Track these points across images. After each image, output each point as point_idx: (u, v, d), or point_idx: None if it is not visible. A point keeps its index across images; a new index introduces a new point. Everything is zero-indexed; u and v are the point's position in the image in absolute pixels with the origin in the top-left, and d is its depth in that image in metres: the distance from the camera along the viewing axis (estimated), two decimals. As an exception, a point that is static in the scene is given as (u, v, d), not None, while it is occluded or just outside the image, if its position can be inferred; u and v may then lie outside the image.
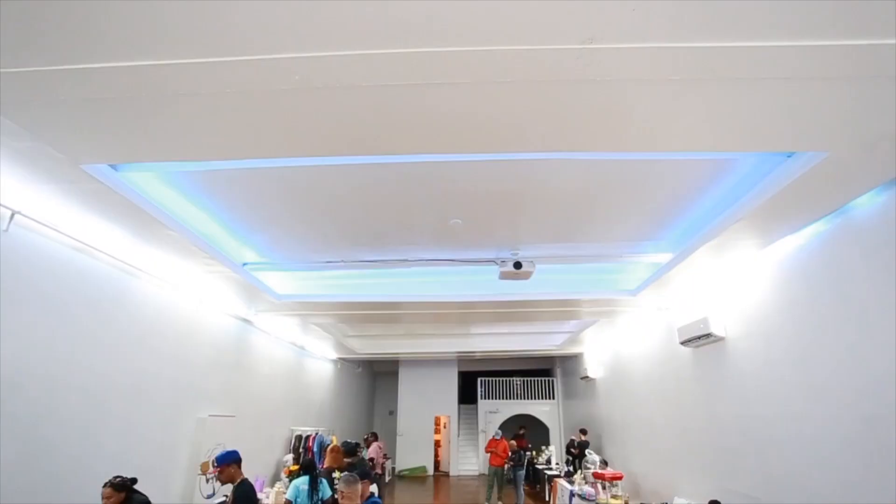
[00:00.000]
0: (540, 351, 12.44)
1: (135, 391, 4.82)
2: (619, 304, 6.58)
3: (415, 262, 5.05)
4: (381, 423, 16.71)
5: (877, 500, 3.47)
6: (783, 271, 4.45)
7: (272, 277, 5.96)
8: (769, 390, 4.67)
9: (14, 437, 3.50)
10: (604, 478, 7.62)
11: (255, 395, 7.67)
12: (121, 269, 4.59)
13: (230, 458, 3.87)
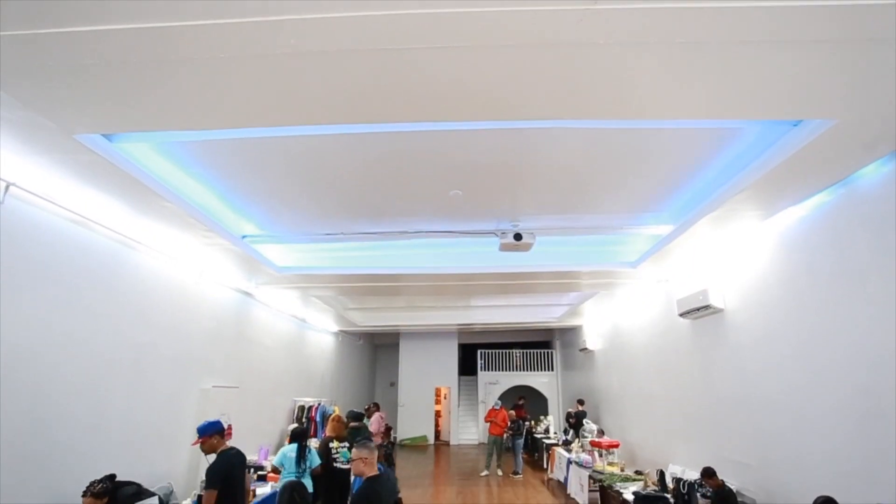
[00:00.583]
0: (539, 323, 12.55)
1: (138, 363, 4.87)
2: (618, 277, 6.59)
3: (415, 233, 5.03)
4: (383, 394, 16.99)
5: (869, 469, 3.55)
6: (784, 243, 4.44)
7: (272, 250, 5.96)
8: (766, 361, 4.72)
9: (19, 409, 3.54)
10: (601, 446, 7.79)
11: (257, 366, 7.77)
12: (119, 241, 4.57)
13: (212, 429, 3.78)
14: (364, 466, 3.27)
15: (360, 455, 3.30)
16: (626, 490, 5.78)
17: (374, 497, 3.12)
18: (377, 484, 3.19)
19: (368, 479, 3.23)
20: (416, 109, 2.68)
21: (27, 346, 3.64)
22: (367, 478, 3.23)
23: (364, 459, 3.28)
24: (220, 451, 3.76)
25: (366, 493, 3.11)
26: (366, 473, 3.25)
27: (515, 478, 10.14)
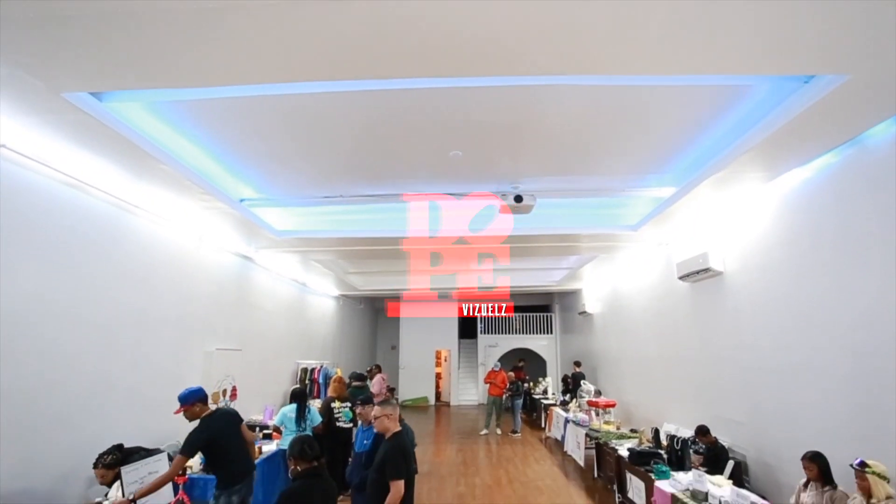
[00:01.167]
0: (539, 287, 12.61)
1: (141, 326, 4.91)
2: (619, 240, 6.57)
3: (415, 195, 4.97)
4: (384, 357, 17.28)
5: (858, 426, 3.63)
6: (787, 205, 4.39)
7: (271, 214, 5.91)
8: (763, 323, 4.77)
9: (23, 373, 3.59)
10: (598, 405, 7.98)
11: (259, 329, 7.86)
12: (117, 206, 4.52)
13: (193, 397, 3.78)
14: (389, 422, 3.38)
15: (384, 412, 3.40)
16: (621, 447, 5.95)
17: (404, 449, 3.24)
18: (403, 438, 3.32)
19: (394, 434, 3.33)
20: (414, 63, 2.58)
21: (28, 311, 3.66)
22: (392, 433, 3.34)
23: (388, 416, 3.39)
24: (203, 417, 3.75)
25: (398, 446, 3.22)
26: (390, 429, 3.36)
27: (514, 436, 10.44)
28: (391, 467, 3.11)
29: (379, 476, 3.17)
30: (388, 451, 3.22)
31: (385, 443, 3.33)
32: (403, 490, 3.09)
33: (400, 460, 3.15)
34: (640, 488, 5.06)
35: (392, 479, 3.08)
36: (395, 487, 3.06)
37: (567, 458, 8.23)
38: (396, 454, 3.17)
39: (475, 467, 7.88)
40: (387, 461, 3.16)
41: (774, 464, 4.59)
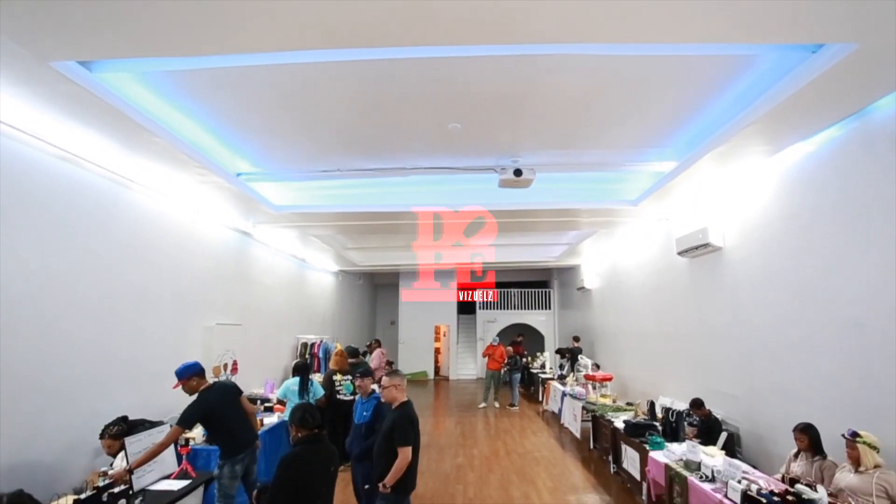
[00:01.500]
0: (538, 263, 12.63)
1: (140, 301, 4.92)
2: (618, 215, 6.54)
3: (412, 170, 4.92)
4: (383, 332, 17.42)
5: (851, 400, 3.68)
6: (788, 180, 4.36)
7: (268, 188, 5.86)
8: (761, 298, 4.78)
9: (24, 349, 3.61)
10: (594, 379, 8.08)
11: (259, 305, 7.89)
12: (112, 180, 4.47)
13: (189, 372, 3.82)
14: (397, 392, 3.51)
15: (392, 382, 3.53)
16: (617, 419, 6.05)
17: (412, 417, 3.39)
18: (411, 408, 3.45)
19: (402, 403, 3.46)
20: (412, 32, 2.51)
21: (28, 286, 3.65)
22: (399, 403, 3.46)
23: (396, 386, 3.52)
24: (201, 391, 3.79)
25: (405, 415, 3.35)
26: (398, 399, 3.49)
27: (512, 409, 10.61)
28: (399, 435, 3.25)
29: (386, 443, 3.30)
30: (395, 419, 3.34)
31: (392, 412, 3.44)
32: (411, 456, 3.23)
33: (408, 428, 3.29)
34: (634, 459, 5.16)
35: (400, 446, 3.22)
36: (403, 453, 3.20)
37: (564, 430, 8.38)
38: (404, 422, 3.30)
39: (473, 439, 8.03)
40: (394, 429, 3.29)
41: (766, 435, 4.68)
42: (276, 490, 2.40)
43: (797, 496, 3.12)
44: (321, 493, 2.53)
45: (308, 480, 2.45)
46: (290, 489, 2.39)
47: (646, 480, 4.77)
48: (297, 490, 2.40)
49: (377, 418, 4.17)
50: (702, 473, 3.88)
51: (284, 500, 2.37)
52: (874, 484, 3.01)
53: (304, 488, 2.42)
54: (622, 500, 5.25)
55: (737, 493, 3.28)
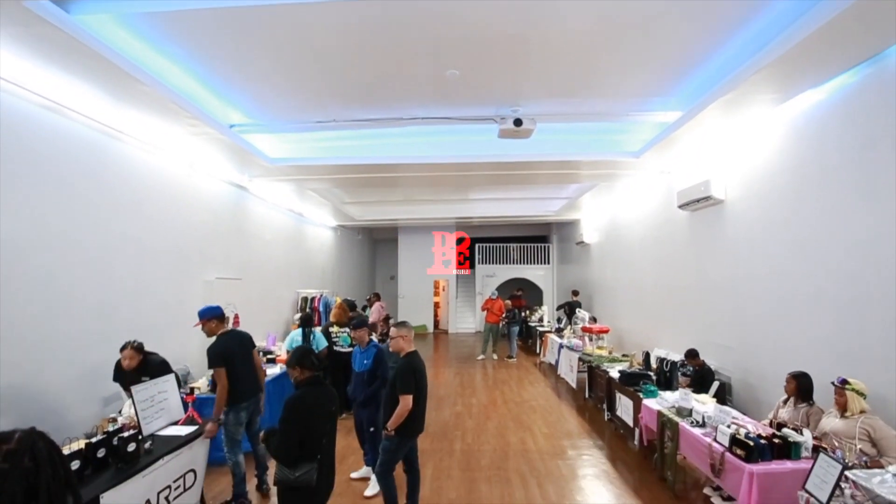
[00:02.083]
0: (537, 217, 12.58)
1: (139, 256, 4.92)
2: (620, 167, 6.43)
3: (410, 120, 4.79)
4: (383, 287, 17.59)
5: (842, 350, 3.74)
6: (795, 130, 4.25)
7: (263, 140, 5.72)
8: (760, 250, 4.78)
9: (24, 303, 3.63)
10: (591, 331, 8.22)
11: (258, 259, 7.91)
12: (101, 131, 4.36)
13: (210, 314, 4.01)
14: (403, 343, 3.62)
15: (399, 333, 3.63)
16: (612, 369, 6.19)
17: (415, 367, 3.48)
18: (416, 358, 3.55)
19: (408, 354, 3.57)
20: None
21: (24, 240, 3.63)
22: (406, 353, 3.57)
23: (404, 337, 3.62)
24: (220, 335, 3.99)
25: (409, 365, 3.47)
26: (405, 349, 3.60)
27: (510, 361, 10.87)
28: (401, 383, 3.40)
29: (391, 391, 3.47)
30: (399, 368, 3.48)
31: (398, 360, 3.56)
32: (412, 404, 3.38)
33: (410, 377, 3.42)
34: (628, 406, 5.32)
35: (401, 394, 3.38)
36: (404, 401, 3.37)
37: (560, 380, 8.61)
38: (407, 372, 3.43)
39: (472, 389, 8.26)
40: (398, 377, 3.43)
41: (757, 384, 4.80)
42: (284, 431, 2.48)
43: (783, 439, 3.23)
44: (327, 432, 2.62)
45: (314, 421, 2.53)
46: (297, 429, 2.47)
47: (638, 427, 4.94)
48: (305, 430, 2.48)
49: (378, 365, 4.28)
50: (693, 419, 4.01)
51: (293, 440, 2.45)
52: (858, 427, 3.10)
53: (311, 428, 2.51)
54: (615, 444, 5.45)
55: (725, 436, 3.40)
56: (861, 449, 3.00)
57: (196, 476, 3.57)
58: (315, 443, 2.53)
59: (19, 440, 0.98)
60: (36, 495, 0.97)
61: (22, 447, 0.97)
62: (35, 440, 1.00)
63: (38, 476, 0.98)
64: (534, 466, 4.80)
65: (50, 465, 1.01)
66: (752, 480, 3.05)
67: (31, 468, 0.97)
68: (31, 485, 0.97)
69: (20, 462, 0.95)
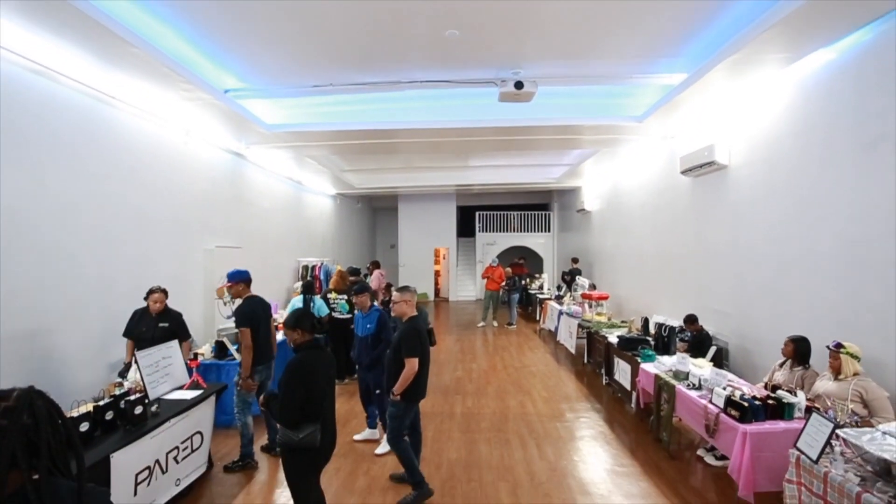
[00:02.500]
0: (538, 184, 12.48)
1: (138, 224, 4.90)
2: (623, 132, 6.33)
3: (408, 83, 4.67)
4: (384, 255, 17.63)
5: (840, 314, 3.76)
6: (803, 93, 4.15)
7: (259, 106, 5.61)
8: (761, 216, 4.75)
9: (25, 272, 3.63)
10: (591, 298, 8.28)
11: (258, 227, 7.89)
12: (93, 96, 4.27)
13: (238, 277, 4.18)
14: (406, 307, 3.62)
15: (402, 298, 3.62)
16: (611, 335, 6.27)
17: (419, 331, 3.50)
18: (418, 322, 3.56)
19: (410, 318, 3.57)
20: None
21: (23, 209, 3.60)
22: (408, 318, 3.58)
23: (406, 301, 3.62)
24: (246, 297, 4.14)
25: (413, 328, 3.48)
26: (407, 314, 3.61)
27: (509, 328, 10.99)
28: (406, 346, 3.41)
29: (395, 355, 3.48)
30: (403, 332, 3.48)
31: (402, 325, 3.56)
32: (417, 367, 3.40)
33: (415, 341, 3.43)
34: (626, 371, 5.41)
35: (407, 357, 3.39)
36: (410, 364, 3.39)
37: (559, 346, 8.73)
38: (412, 335, 3.44)
39: (472, 355, 8.39)
40: (402, 341, 3.44)
41: (754, 349, 4.86)
42: (286, 394, 2.50)
43: (777, 400, 3.29)
44: (327, 394, 2.65)
45: (314, 383, 2.55)
46: (298, 392, 2.49)
47: (635, 390, 5.03)
48: (306, 392, 2.50)
49: (381, 329, 4.33)
50: (689, 382, 4.08)
51: (295, 402, 2.48)
52: (851, 389, 3.15)
53: (312, 390, 2.53)
54: (612, 408, 5.57)
55: (721, 398, 3.46)
56: (853, 410, 3.06)
57: (203, 438, 3.67)
58: (316, 405, 2.56)
59: (17, 397, 0.98)
60: (37, 452, 0.97)
61: (20, 404, 0.98)
62: (33, 398, 1.01)
63: (39, 433, 0.98)
64: (532, 428, 4.92)
65: (49, 423, 1.01)
66: (745, 440, 3.12)
67: (31, 425, 0.97)
68: (32, 442, 0.97)
69: (19, 419, 0.96)
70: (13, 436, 0.94)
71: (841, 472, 2.34)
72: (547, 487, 3.72)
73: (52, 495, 0.97)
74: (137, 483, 2.90)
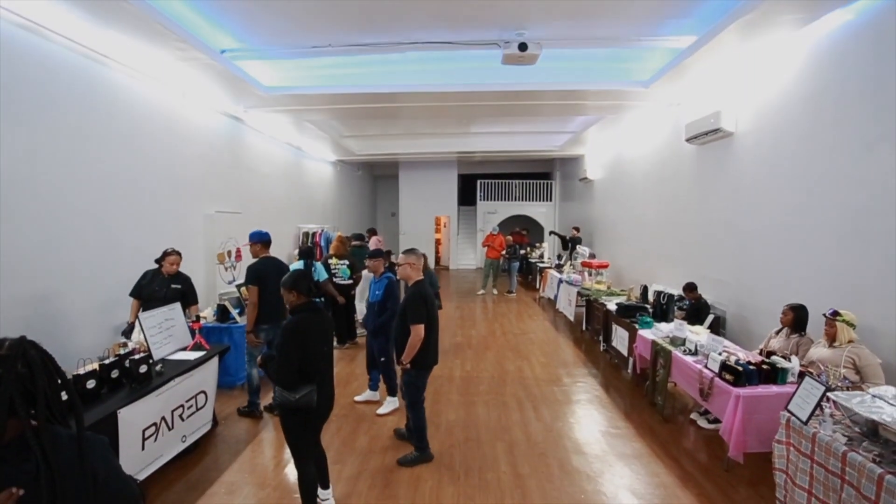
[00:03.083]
0: (541, 152, 12.33)
1: (137, 187, 4.87)
2: (628, 97, 6.19)
3: (409, 45, 4.54)
4: (384, 224, 17.60)
5: (838, 282, 3.78)
6: (817, 56, 4.04)
7: (256, 67, 5.48)
8: (766, 185, 4.71)
9: (26, 234, 3.63)
10: (591, 266, 8.31)
11: (257, 193, 7.85)
12: (84, 55, 4.16)
13: (258, 237, 4.45)
14: (411, 271, 3.53)
15: (408, 261, 3.55)
16: (609, 302, 6.32)
17: (425, 296, 3.43)
18: (424, 286, 3.49)
19: (416, 282, 3.50)
20: None
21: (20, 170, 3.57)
22: (415, 282, 3.50)
23: (412, 265, 3.54)
24: (262, 257, 4.38)
25: (419, 293, 3.41)
26: (413, 278, 3.53)
27: (509, 296, 11.08)
28: (411, 313, 3.35)
29: (402, 322, 3.43)
30: (408, 298, 3.41)
31: (408, 289, 3.51)
32: (424, 333, 3.35)
33: (421, 306, 3.36)
34: (623, 337, 5.48)
35: (413, 324, 3.33)
36: (416, 331, 3.33)
37: (558, 314, 8.82)
38: (417, 301, 3.36)
39: (472, 321, 8.49)
40: (408, 307, 3.38)
41: (751, 318, 4.91)
42: (282, 355, 2.52)
43: (771, 365, 3.34)
44: (324, 355, 2.68)
45: (311, 344, 2.56)
46: (295, 354, 2.51)
47: (632, 356, 5.11)
48: (302, 354, 2.52)
49: (388, 297, 4.36)
50: (686, 348, 4.13)
51: (291, 364, 2.50)
52: (844, 356, 3.19)
53: (308, 352, 2.54)
54: (609, 373, 5.67)
55: (716, 363, 3.52)
56: (845, 375, 3.11)
57: (207, 397, 3.75)
58: (313, 366, 2.57)
59: (10, 346, 0.99)
60: (34, 400, 0.98)
61: (13, 353, 0.98)
62: (26, 348, 1.01)
63: (34, 381, 0.98)
64: (530, 392, 5.02)
65: (45, 372, 1.02)
66: (737, 403, 3.19)
67: (26, 374, 0.97)
68: (28, 390, 0.97)
69: (13, 366, 0.96)
70: (9, 383, 0.95)
71: (829, 433, 2.40)
72: (543, 447, 3.82)
73: (52, 442, 0.98)
74: (145, 438, 2.98)
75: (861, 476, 2.11)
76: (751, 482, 3.25)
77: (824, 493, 2.35)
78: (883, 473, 2.01)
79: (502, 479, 3.35)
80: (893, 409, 2.26)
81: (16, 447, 0.95)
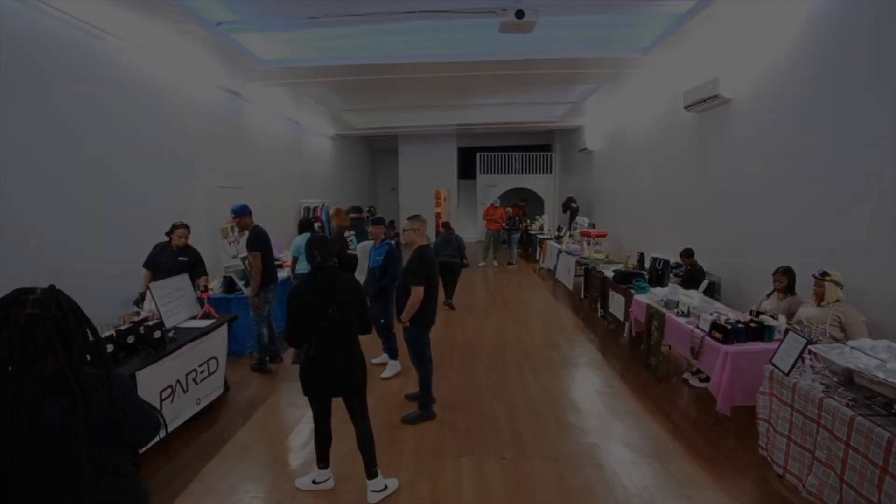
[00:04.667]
0: (540, 123, 12.28)
1: (138, 163, 4.94)
2: (627, 65, 6.18)
3: (406, 13, 4.53)
4: (385, 198, 17.62)
5: (830, 245, 3.87)
6: (821, 19, 4.02)
7: (253, 40, 5.47)
8: (763, 151, 4.76)
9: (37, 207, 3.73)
10: (590, 235, 8.40)
11: (257, 168, 7.90)
12: (81, 28, 4.17)
13: (243, 210, 4.63)
14: (416, 235, 3.66)
15: (412, 226, 3.67)
16: (607, 270, 6.43)
17: (426, 260, 3.53)
18: (426, 251, 3.58)
19: (420, 247, 3.61)
20: None
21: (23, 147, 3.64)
22: (419, 246, 3.61)
23: (416, 230, 3.67)
24: (255, 226, 4.61)
25: (421, 257, 3.52)
26: (417, 242, 3.65)
27: (509, 267, 11.21)
28: (413, 275, 3.48)
29: (404, 283, 3.57)
30: (411, 261, 3.54)
31: (412, 253, 3.61)
32: (423, 295, 3.49)
33: (422, 270, 3.49)
34: (620, 303, 5.61)
35: (413, 285, 3.47)
36: (415, 292, 3.47)
37: (557, 284, 8.96)
38: (419, 264, 3.49)
39: (472, 292, 8.63)
40: (409, 270, 3.52)
41: (744, 282, 5.02)
42: (287, 317, 2.70)
43: (759, 324, 3.47)
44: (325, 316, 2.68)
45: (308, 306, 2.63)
46: (295, 315, 2.65)
47: (628, 320, 5.25)
48: (301, 315, 2.64)
49: (388, 262, 4.48)
50: (679, 310, 4.27)
51: (293, 325, 2.66)
52: (831, 315, 3.31)
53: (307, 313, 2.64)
54: (606, 339, 5.83)
55: (707, 323, 3.65)
56: (830, 334, 3.23)
57: (218, 363, 3.91)
58: (312, 327, 2.64)
59: (44, 291, 1.10)
60: (68, 340, 1.08)
61: (48, 297, 1.09)
62: (57, 294, 1.13)
63: (67, 323, 1.09)
64: (529, 356, 5.19)
65: (74, 314, 1.14)
66: (725, 359, 3.33)
67: (59, 315, 1.07)
68: (62, 331, 1.08)
69: (49, 308, 1.07)
70: (46, 323, 1.06)
71: (808, 382, 2.54)
72: (540, 406, 3.99)
73: (85, 381, 1.10)
74: (162, 399, 3.15)
75: (835, 420, 2.26)
76: (738, 433, 3.42)
77: (802, 437, 2.51)
78: (854, 415, 2.15)
79: (502, 435, 3.52)
80: (869, 358, 2.39)
81: (55, 382, 1.06)
